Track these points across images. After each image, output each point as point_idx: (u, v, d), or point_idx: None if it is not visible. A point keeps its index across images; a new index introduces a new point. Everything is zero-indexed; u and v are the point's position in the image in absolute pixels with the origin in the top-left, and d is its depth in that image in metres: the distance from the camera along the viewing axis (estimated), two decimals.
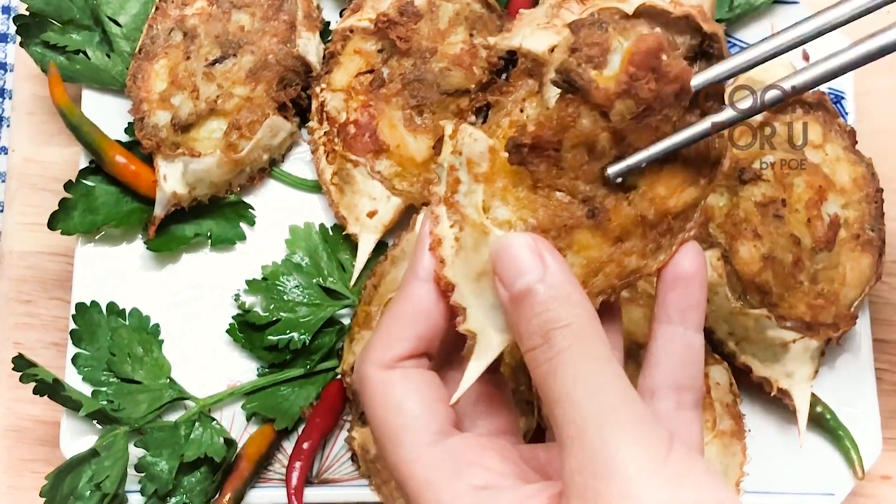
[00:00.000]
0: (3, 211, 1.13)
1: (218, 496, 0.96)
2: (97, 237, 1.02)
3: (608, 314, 0.67)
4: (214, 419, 0.99)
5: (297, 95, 1.02)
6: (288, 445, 1.00)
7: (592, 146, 0.61)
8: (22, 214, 1.09)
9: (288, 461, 0.98)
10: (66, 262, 1.06)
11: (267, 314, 0.99)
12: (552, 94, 0.63)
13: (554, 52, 0.63)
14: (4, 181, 1.13)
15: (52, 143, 1.10)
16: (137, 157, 1.00)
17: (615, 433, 0.53)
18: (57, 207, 0.99)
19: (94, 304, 1.00)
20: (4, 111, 1.17)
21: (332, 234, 1.03)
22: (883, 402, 1.02)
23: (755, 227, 0.94)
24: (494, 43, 0.66)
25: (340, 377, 0.99)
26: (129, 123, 1.02)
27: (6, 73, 1.18)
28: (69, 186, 1.00)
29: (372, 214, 1.00)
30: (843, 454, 1.00)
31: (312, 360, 1.00)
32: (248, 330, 1.00)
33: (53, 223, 0.98)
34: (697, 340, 0.65)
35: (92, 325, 0.99)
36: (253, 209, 1.04)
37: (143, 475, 0.95)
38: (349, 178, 1.00)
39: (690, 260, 0.65)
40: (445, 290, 0.63)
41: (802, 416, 0.96)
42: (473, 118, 0.67)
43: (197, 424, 0.97)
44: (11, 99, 1.13)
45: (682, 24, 0.62)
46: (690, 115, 0.62)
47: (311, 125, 1.02)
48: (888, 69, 1.08)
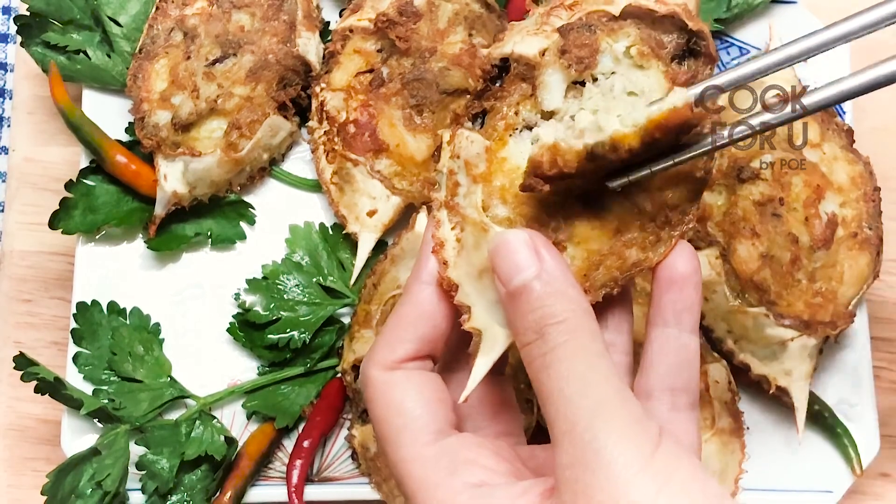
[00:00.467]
0: (3, 211, 1.13)
1: (219, 494, 0.96)
2: (98, 236, 1.02)
3: (619, 302, 0.68)
4: (215, 417, 0.99)
5: (297, 95, 1.02)
6: (288, 444, 1.00)
7: (602, 169, 0.62)
8: (22, 214, 1.09)
9: (288, 459, 0.98)
10: (66, 261, 1.06)
11: (267, 313, 0.99)
12: (545, 96, 0.64)
13: (545, 55, 0.65)
14: (5, 181, 1.13)
15: (52, 142, 1.10)
16: (138, 156, 1.01)
17: (604, 429, 0.54)
18: (57, 207, 0.99)
19: (94, 303, 1.00)
20: (5, 111, 1.17)
21: (331, 233, 1.03)
22: (881, 399, 1.03)
23: (753, 225, 0.94)
24: (487, 53, 0.68)
25: (340, 376, 1.00)
26: (129, 123, 1.03)
27: (7, 73, 1.18)
28: (70, 186, 1.00)
29: (372, 213, 1.00)
30: (841, 452, 1.00)
31: (312, 358, 1.00)
32: (248, 329, 1.00)
33: (54, 223, 0.99)
34: (693, 342, 0.66)
35: (93, 324, 0.99)
36: (253, 208, 1.04)
37: (143, 473, 0.95)
38: (349, 177, 1.00)
39: (684, 262, 0.65)
40: (449, 290, 0.64)
41: (801, 413, 0.96)
42: (470, 124, 0.68)
43: (198, 423, 0.98)
44: (12, 99, 1.13)
45: (667, 23, 0.64)
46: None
47: (310, 125, 1.03)
48: None
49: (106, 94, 1.04)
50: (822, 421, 1.00)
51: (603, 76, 0.64)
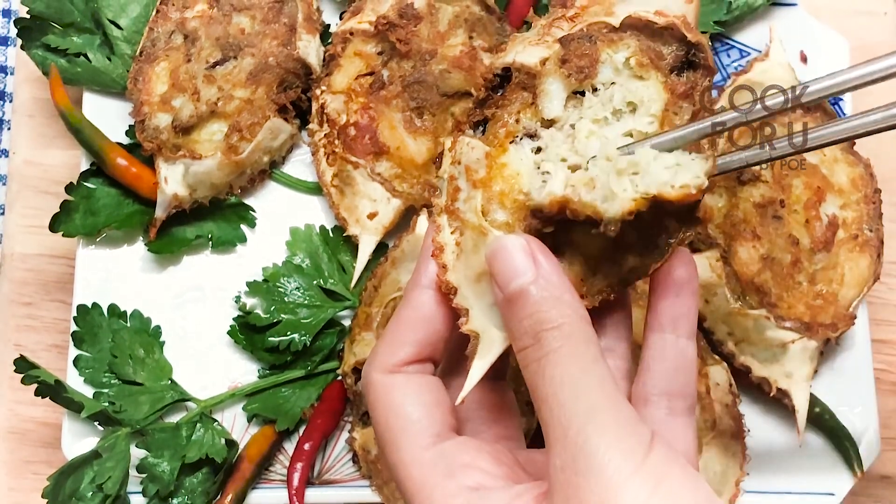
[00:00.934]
0: (4, 213, 1.13)
1: (219, 497, 0.96)
2: (98, 239, 1.02)
3: (617, 307, 0.69)
4: (216, 420, 0.99)
5: (297, 98, 1.02)
6: (289, 446, 1.00)
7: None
8: (23, 217, 1.09)
9: (289, 462, 0.98)
10: (67, 264, 1.07)
11: (268, 316, 0.99)
12: (546, 104, 0.65)
13: (546, 64, 0.65)
14: (5, 184, 1.13)
15: (52, 145, 1.10)
16: (138, 159, 1.01)
17: (597, 433, 0.54)
18: (58, 210, 0.99)
19: (95, 305, 1.00)
20: (5, 114, 1.17)
21: (332, 235, 1.03)
22: (881, 401, 1.03)
23: (754, 227, 0.94)
24: (490, 62, 0.69)
25: (341, 378, 1.00)
26: (129, 126, 1.03)
27: (7, 76, 1.18)
28: (70, 189, 1.00)
29: (372, 216, 1.00)
30: (842, 454, 1.00)
31: (313, 361, 1.00)
32: (248, 331, 1.00)
33: (54, 225, 0.99)
34: (690, 348, 0.66)
35: (93, 326, 0.99)
36: (254, 211, 1.04)
37: (144, 476, 0.95)
38: (349, 179, 1.00)
39: (682, 268, 0.66)
40: (448, 293, 0.65)
41: (801, 416, 0.96)
42: (472, 131, 0.69)
43: (198, 426, 0.98)
44: (12, 102, 1.13)
45: (667, 34, 0.65)
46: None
47: (311, 127, 1.03)
48: None
49: (106, 96, 1.04)
50: (822, 423, 1.00)
51: (603, 86, 0.64)
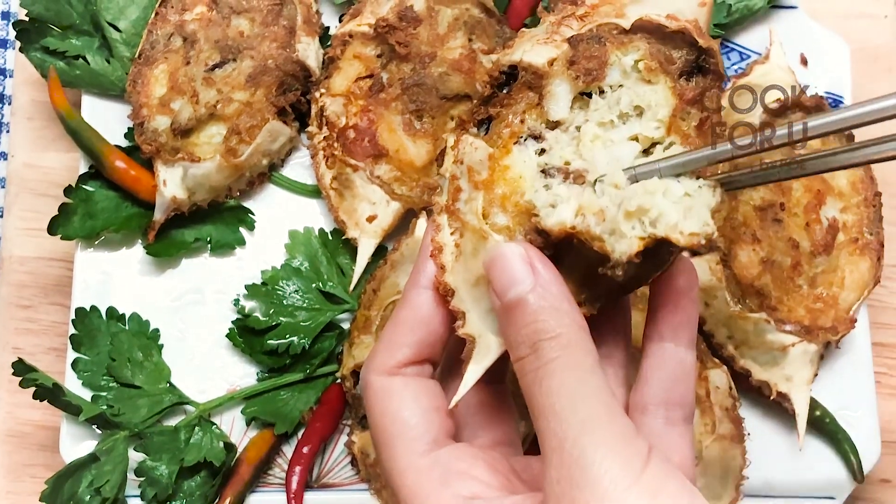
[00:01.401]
0: (2, 216, 1.13)
1: (218, 501, 0.96)
2: (97, 242, 1.02)
3: (616, 315, 0.68)
4: (214, 423, 0.99)
5: (296, 100, 1.02)
6: (288, 450, 1.00)
7: None
8: (21, 220, 1.09)
9: (288, 465, 0.98)
10: (65, 267, 1.06)
11: (266, 319, 0.99)
12: (552, 106, 0.65)
13: (553, 65, 0.65)
14: (4, 186, 1.13)
15: (51, 148, 1.10)
16: (137, 162, 1.00)
17: (593, 444, 0.54)
18: (56, 212, 0.99)
19: (93, 308, 1.00)
20: (4, 116, 1.17)
21: (331, 238, 1.03)
22: (882, 405, 1.02)
23: (754, 231, 0.94)
24: (496, 59, 0.68)
25: (340, 381, 1.00)
26: (128, 128, 1.03)
27: (6, 78, 1.18)
28: (69, 191, 1.00)
29: (371, 219, 1.00)
30: (842, 458, 1.00)
31: (312, 364, 1.00)
32: (247, 334, 1.00)
33: (53, 228, 0.99)
34: (689, 357, 0.66)
35: (92, 329, 0.99)
36: (252, 214, 1.04)
37: (142, 480, 0.95)
38: (349, 182, 1.00)
39: (683, 277, 0.65)
40: (445, 295, 0.64)
41: (802, 419, 0.96)
42: (475, 130, 0.68)
43: (197, 429, 0.98)
44: (11, 104, 1.13)
45: (677, 38, 0.64)
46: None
47: (310, 130, 1.03)
48: (886, 72, 1.08)
49: (105, 99, 1.04)
50: (823, 427, 1.00)
51: (610, 89, 0.64)
